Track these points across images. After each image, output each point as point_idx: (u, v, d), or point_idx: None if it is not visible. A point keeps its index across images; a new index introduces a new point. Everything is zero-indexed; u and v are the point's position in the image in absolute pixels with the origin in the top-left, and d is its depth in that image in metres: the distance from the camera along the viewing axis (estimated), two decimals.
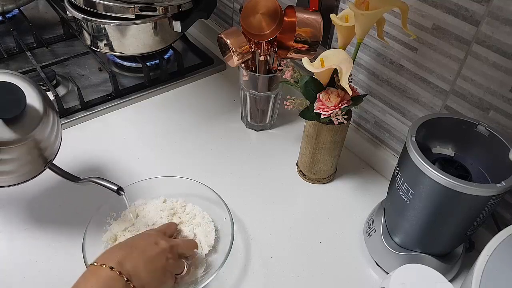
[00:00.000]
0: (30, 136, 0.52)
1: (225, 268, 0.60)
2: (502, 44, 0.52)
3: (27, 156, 0.54)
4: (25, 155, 0.54)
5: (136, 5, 0.80)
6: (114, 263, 0.47)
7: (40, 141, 0.55)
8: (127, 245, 0.52)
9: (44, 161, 0.58)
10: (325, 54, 0.61)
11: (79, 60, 0.97)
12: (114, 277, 0.46)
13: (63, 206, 0.68)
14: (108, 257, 0.48)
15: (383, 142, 0.75)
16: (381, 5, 0.54)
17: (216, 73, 0.99)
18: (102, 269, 0.46)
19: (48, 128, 0.56)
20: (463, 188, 0.47)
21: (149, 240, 0.53)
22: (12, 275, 0.59)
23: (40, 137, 0.55)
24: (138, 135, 0.82)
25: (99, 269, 0.46)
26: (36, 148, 0.55)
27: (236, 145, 0.81)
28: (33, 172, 0.58)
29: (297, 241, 0.65)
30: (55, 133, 0.59)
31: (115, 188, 0.58)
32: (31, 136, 0.53)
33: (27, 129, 0.52)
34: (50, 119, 0.57)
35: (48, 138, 0.57)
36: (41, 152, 0.57)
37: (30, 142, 0.53)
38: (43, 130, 0.55)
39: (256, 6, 0.68)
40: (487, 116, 0.57)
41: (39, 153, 0.56)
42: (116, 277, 0.46)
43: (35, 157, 0.56)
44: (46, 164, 0.59)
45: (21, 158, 0.54)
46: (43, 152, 0.57)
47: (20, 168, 0.56)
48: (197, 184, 0.65)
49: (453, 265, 0.58)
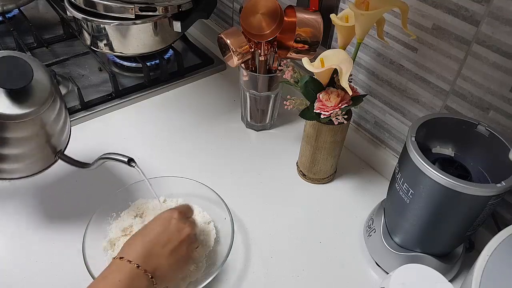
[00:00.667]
0: (36, 112, 0.52)
1: (225, 268, 0.60)
2: (502, 44, 0.52)
3: (34, 138, 0.54)
4: (33, 136, 0.54)
5: (136, 5, 0.80)
6: (140, 261, 0.48)
7: (46, 122, 0.55)
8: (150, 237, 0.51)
9: (53, 150, 0.58)
10: (325, 54, 0.61)
11: (79, 60, 0.97)
12: (140, 275, 0.47)
13: (63, 206, 0.68)
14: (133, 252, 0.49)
15: (383, 142, 0.75)
16: (381, 5, 0.54)
17: (216, 73, 0.99)
18: (129, 266, 0.47)
19: (55, 111, 0.56)
20: (463, 188, 0.47)
21: (171, 228, 0.53)
22: (12, 275, 0.59)
23: (47, 117, 0.55)
24: (138, 135, 0.82)
25: (125, 265, 0.47)
26: (43, 129, 0.55)
27: (236, 145, 0.81)
28: (43, 162, 0.58)
29: (297, 241, 0.65)
30: (63, 121, 0.59)
31: (126, 159, 0.58)
32: (37, 113, 0.52)
33: (34, 104, 0.52)
34: (57, 103, 0.57)
35: (55, 122, 0.57)
36: (49, 138, 0.57)
37: (37, 120, 0.53)
38: (50, 110, 0.55)
39: (256, 6, 0.68)
40: (487, 116, 0.57)
41: (46, 138, 0.56)
42: (142, 275, 0.47)
43: (43, 142, 0.56)
44: (56, 154, 0.59)
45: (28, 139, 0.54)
46: (51, 138, 0.57)
47: (29, 153, 0.55)
48: (197, 184, 0.65)
49: (453, 265, 0.58)
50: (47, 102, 0.54)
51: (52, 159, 0.59)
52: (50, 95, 0.54)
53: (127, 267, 0.47)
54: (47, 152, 0.58)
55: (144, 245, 0.50)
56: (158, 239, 0.51)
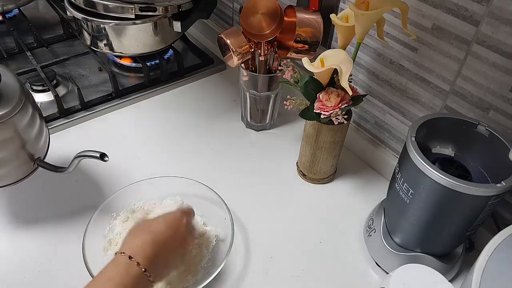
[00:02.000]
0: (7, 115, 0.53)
1: (225, 268, 0.60)
2: (502, 44, 0.52)
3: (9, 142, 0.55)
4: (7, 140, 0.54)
5: (136, 5, 0.80)
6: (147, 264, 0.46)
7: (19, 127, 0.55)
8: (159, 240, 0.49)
9: (31, 157, 0.59)
10: (325, 54, 0.61)
11: (79, 60, 0.97)
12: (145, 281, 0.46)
13: (63, 206, 0.68)
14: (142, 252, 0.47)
15: (383, 142, 0.75)
16: (381, 5, 0.54)
17: (216, 73, 0.99)
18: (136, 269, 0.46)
19: (27, 116, 0.57)
20: (463, 188, 0.47)
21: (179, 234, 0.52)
22: (12, 275, 0.59)
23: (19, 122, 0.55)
24: (138, 135, 0.82)
25: (133, 266, 0.46)
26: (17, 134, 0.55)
27: (236, 145, 0.81)
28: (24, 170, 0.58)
29: (297, 241, 0.65)
30: (38, 127, 0.59)
31: (98, 155, 0.57)
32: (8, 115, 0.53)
33: (3, 107, 0.53)
34: (29, 108, 0.57)
35: (29, 128, 0.57)
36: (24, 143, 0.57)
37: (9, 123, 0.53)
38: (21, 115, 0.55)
39: (256, 6, 0.68)
40: (487, 116, 0.57)
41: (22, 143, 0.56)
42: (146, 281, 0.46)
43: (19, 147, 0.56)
44: (34, 161, 0.59)
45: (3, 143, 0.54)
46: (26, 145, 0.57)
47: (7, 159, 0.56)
48: (197, 184, 0.65)
49: (453, 265, 0.58)
50: (16, 106, 0.54)
51: (31, 167, 0.59)
52: (19, 99, 0.55)
53: (135, 270, 0.46)
54: (25, 158, 0.58)
55: (154, 247, 0.48)
56: (167, 244, 0.50)
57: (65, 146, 0.73)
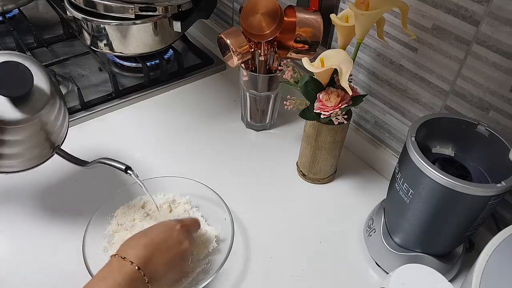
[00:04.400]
0: (37, 117, 0.53)
1: (225, 268, 0.60)
2: (502, 44, 0.52)
3: (34, 138, 0.55)
4: (32, 137, 0.54)
5: (136, 5, 0.80)
6: (141, 263, 0.47)
7: (46, 123, 0.55)
8: (153, 242, 0.51)
9: (51, 145, 0.58)
10: (325, 54, 0.61)
11: (79, 60, 0.97)
12: (139, 278, 0.47)
13: (63, 206, 0.68)
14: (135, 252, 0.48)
15: (383, 142, 0.75)
16: (381, 5, 0.54)
17: (216, 73, 0.99)
18: (130, 267, 0.47)
19: (55, 111, 0.56)
20: (463, 188, 0.47)
21: (173, 238, 0.53)
22: (12, 275, 0.59)
23: (46, 119, 0.55)
24: (138, 135, 0.82)
25: (126, 265, 0.47)
26: (43, 130, 0.55)
27: (236, 145, 0.81)
28: (41, 157, 0.58)
29: (297, 241, 0.65)
30: (62, 117, 0.59)
31: (123, 167, 0.58)
32: (38, 117, 0.53)
33: (34, 109, 0.52)
34: (57, 102, 0.57)
35: (55, 121, 0.57)
36: (48, 135, 0.57)
37: (37, 123, 0.53)
38: (49, 112, 0.55)
39: (256, 6, 0.68)
40: (487, 116, 0.57)
41: (46, 136, 0.56)
42: (141, 279, 0.47)
43: (42, 140, 0.56)
44: (53, 149, 0.59)
45: (28, 140, 0.54)
46: (50, 136, 0.57)
47: (28, 151, 0.56)
48: (197, 184, 0.65)
49: (453, 265, 0.58)
50: (47, 105, 0.54)
51: (49, 153, 0.59)
52: (50, 98, 0.54)
53: (128, 268, 0.47)
54: (45, 148, 0.58)
55: (147, 248, 0.50)
56: (160, 245, 0.51)
57: (65, 146, 0.73)
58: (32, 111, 0.52)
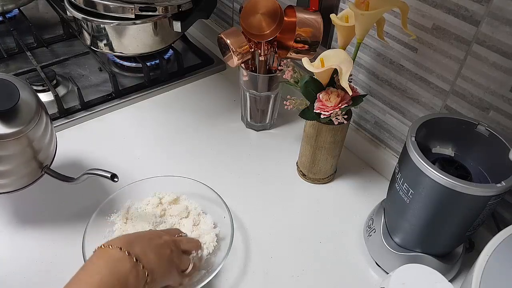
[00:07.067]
0: (23, 131, 0.53)
1: (225, 268, 0.60)
2: (502, 44, 0.52)
3: (22, 154, 0.55)
4: (21, 153, 0.54)
5: (136, 5, 0.80)
6: (122, 244, 0.45)
7: (33, 139, 0.55)
8: (133, 234, 0.51)
9: (39, 165, 0.59)
10: (325, 54, 0.61)
11: (79, 60, 0.97)
12: (123, 258, 0.44)
13: (63, 207, 0.68)
14: (115, 240, 0.47)
15: (383, 142, 0.75)
16: (381, 5, 0.54)
17: (216, 73, 0.99)
18: (110, 250, 0.44)
19: (42, 128, 0.56)
20: (463, 188, 0.47)
21: (153, 233, 0.53)
22: (12, 275, 0.59)
23: (33, 134, 0.55)
24: (138, 135, 0.82)
25: (107, 251, 0.45)
26: (30, 146, 0.55)
27: (236, 145, 0.81)
28: (31, 175, 0.58)
29: (297, 241, 0.65)
30: (49, 136, 0.59)
31: (109, 175, 0.57)
32: (24, 131, 0.53)
33: (21, 123, 0.53)
34: (44, 120, 0.57)
35: (42, 138, 0.57)
36: (36, 153, 0.57)
37: (24, 137, 0.53)
38: (36, 128, 0.55)
39: (256, 6, 0.68)
40: (487, 116, 0.57)
41: (33, 154, 0.56)
42: (125, 258, 0.44)
43: (30, 157, 0.56)
44: (42, 168, 0.59)
45: (16, 156, 0.54)
46: (38, 154, 0.57)
47: (17, 168, 0.56)
48: (197, 184, 0.65)
49: (453, 265, 0.58)
50: (33, 120, 0.54)
51: (38, 173, 0.59)
52: (36, 113, 0.55)
53: (108, 252, 0.44)
54: (34, 167, 0.58)
55: (126, 235, 0.49)
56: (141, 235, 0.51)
57: (65, 146, 0.73)
58: (18, 125, 0.52)
